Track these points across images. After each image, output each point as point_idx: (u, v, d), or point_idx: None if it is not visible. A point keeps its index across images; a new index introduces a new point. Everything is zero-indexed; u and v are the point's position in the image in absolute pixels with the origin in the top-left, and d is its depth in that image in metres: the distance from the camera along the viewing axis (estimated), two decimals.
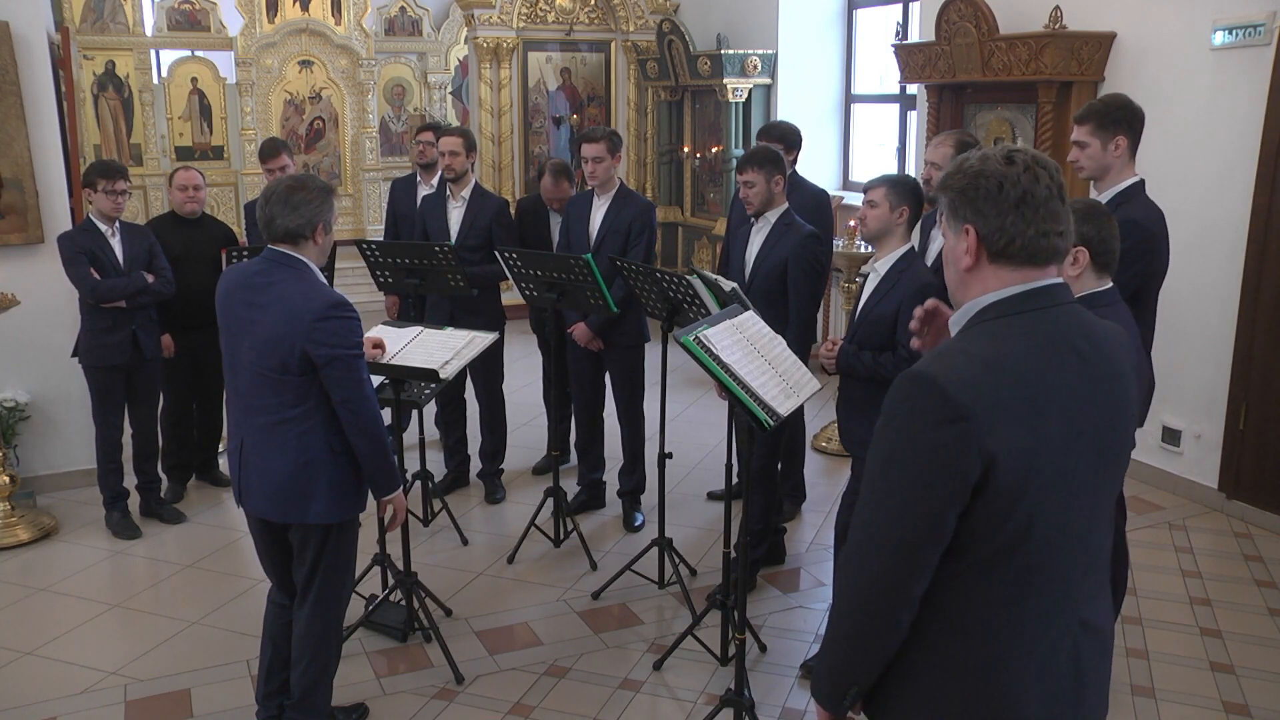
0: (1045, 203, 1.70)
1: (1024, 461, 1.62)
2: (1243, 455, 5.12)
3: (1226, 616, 4.21)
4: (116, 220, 4.87)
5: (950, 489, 1.61)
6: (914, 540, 1.65)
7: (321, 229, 3.03)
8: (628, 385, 5.02)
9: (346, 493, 3.11)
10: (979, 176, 1.72)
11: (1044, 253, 1.72)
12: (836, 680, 1.82)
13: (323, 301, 2.95)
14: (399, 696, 3.67)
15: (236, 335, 3.04)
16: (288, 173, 5.47)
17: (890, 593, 1.69)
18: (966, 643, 1.73)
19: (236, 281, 3.08)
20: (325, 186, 3.08)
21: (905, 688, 1.79)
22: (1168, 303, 5.10)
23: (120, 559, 4.79)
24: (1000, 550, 1.67)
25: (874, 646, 1.75)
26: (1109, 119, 3.52)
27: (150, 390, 5.07)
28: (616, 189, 4.87)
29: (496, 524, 5.15)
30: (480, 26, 9.03)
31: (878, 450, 1.72)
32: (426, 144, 5.76)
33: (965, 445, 1.59)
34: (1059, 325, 1.72)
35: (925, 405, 1.63)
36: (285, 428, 3.00)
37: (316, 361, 2.93)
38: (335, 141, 11.04)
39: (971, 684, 1.73)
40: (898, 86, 7.58)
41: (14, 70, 5.03)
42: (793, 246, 4.16)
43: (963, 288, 1.79)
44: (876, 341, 3.52)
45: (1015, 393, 1.63)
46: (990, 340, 1.69)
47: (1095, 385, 1.72)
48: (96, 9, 10.25)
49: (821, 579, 4.53)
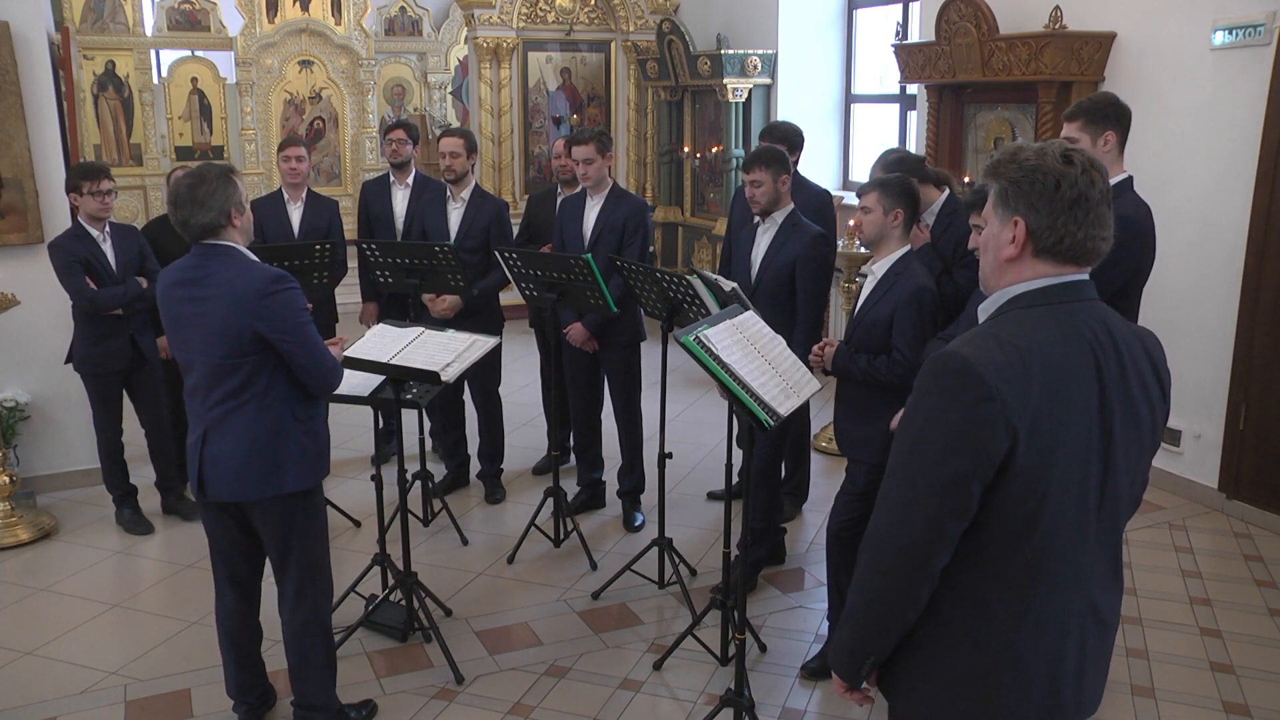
0: (1096, 206, 1.74)
1: (1046, 443, 1.68)
2: (1243, 455, 5.12)
3: (1226, 616, 4.21)
4: (107, 223, 4.85)
5: (978, 465, 1.67)
6: (940, 515, 1.71)
7: (235, 211, 3.06)
8: (624, 385, 5.01)
9: (313, 457, 3.18)
10: (1036, 171, 1.74)
11: (1088, 255, 1.77)
12: (855, 651, 1.89)
13: (263, 279, 2.99)
14: (399, 696, 3.67)
15: (185, 331, 3.07)
16: (303, 166, 5.50)
17: (914, 566, 1.75)
18: (979, 619, 1.79)
19: (173, 280, 3.10)
20: (223, 171, 3.08)
21: (917, 661, 1.86)
22: (1168, 303, 5.13)
23: (120, 559, 4.79)
24: (1017, 529, 1.72)
25: (893, 618, 1.82)
26: (1098, 115, 3.57)
27: (154, 390, 5.07)
28: (609, 189, 4.87)
29: (496, 524, 5.15)
30: (480, 26, 9.03)
31: (908, 428, 1.77)
32: (398, 142, 5.72)
33: (994, 423, 1.66)
34: (1085, 319, 1.77)
35: (958, 385, 1.68)
36: (248, 406, 3.05)
37: (270, 338, 2.99)
38: (335, 141, 11.04)
39: (981, 659, 1.80)
40: (898, 86, 7.58)
41: (14, 70, 5.03)
42: (801, 247, 4.16)
43: (998, 275, 1.83)
44: (872, 344, 3.53)
45: (1042, 379, 1.68)
46: (1020, 328, 1.74)
47: (1117, 379, 1.77)
48: (96, 9, 10.25)
49: (822, 579, 4.53)
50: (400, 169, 5.75)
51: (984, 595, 1.78)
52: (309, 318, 3.08)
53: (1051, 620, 1.79)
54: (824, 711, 3.61)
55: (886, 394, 3.52)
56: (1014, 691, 1.80)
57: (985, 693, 1.81)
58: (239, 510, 3.21)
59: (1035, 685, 1.80)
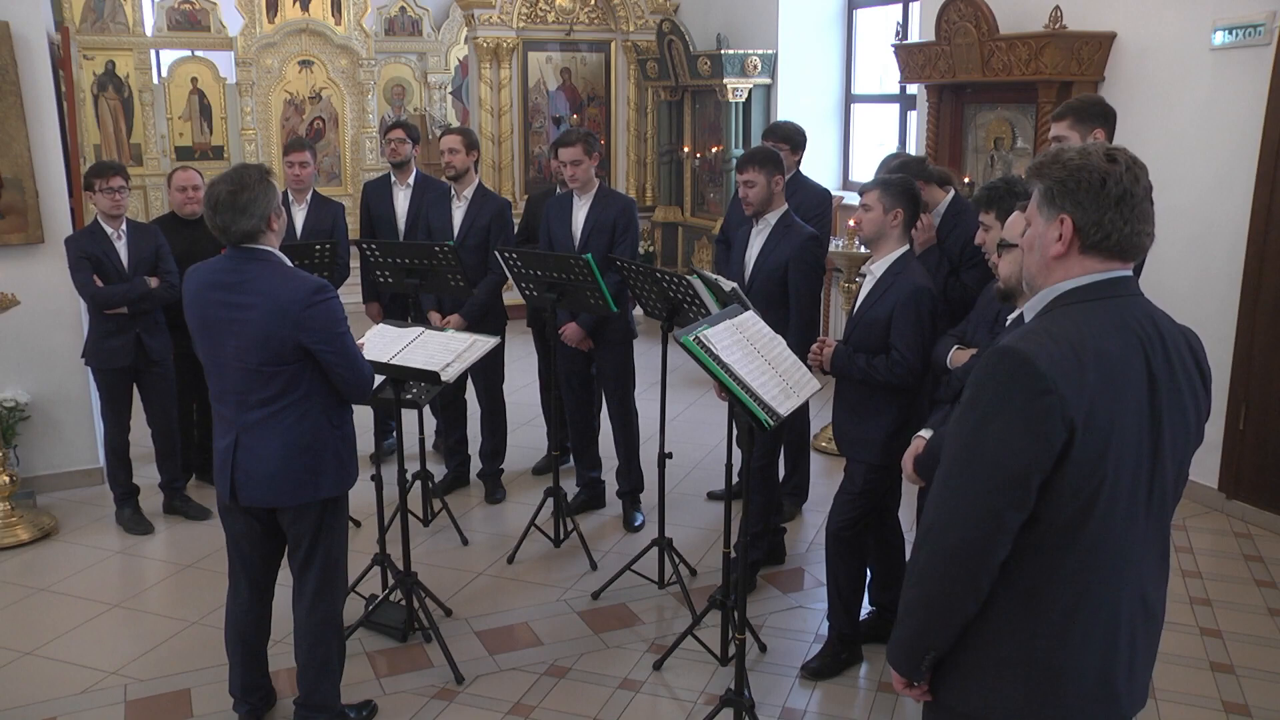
0: (1141, 202, 1.77)
1: (1101, 436, 1.71)
2: (1243, 455, 5.12)
3: (1226, 616, 4.21)
4: (124, 221, 4.87)
5: (1037, 457, 1.70)
6: (1001, 507, 1.73)
7: (274, 216, 3.06)
8: (618, 383, 5.02)
9: (348, 462, 3.20)
10: (1081, 170, 1.77)
11: (1134, 250, 1.80)
12: (916, 645, 1.90)
13: (305, 289, 2.97)
14: (399, 696, 3.67)
15: (218, 335, 3.04)
16: (307, 171, 5.52)
17: (976, 559, 1.77)
18: (1034, 610, 1.81)
19: (206, 281, 3.07)
20: (262, 175, 3.06)
21: (970, 653, 1.87)
22: (1168, 303, 5.08)
23: (120, 559, 4.80)
24: (1072, 521, 1.75)
25: (954, 612, 1.83)
26: (1086, 113, 3.63)
27: (162, 392, 5.05)
28: (597, 188, 4.88)
29: (496, 524, 5.15)
30: (480, 26, 9.03)
31: (965, 422, 1.79)
32: (397, 142, 5.72)
33: (1052, 416, 1.68)
34: (1133, 313, 1.80)
35: (1015, 379, 1.71)
36: (285, 413, 3.03)
37: (311, 348, 2.98)
38: (335, 141, 11.04)
39: (1036, 651, 1.82)
40: (898, 86, 7.58)
41: (14, 70, 5.03)
42: (793, 249, 4.16)
43: (1045, 272, 1.85)
44: (870, 344, 3.53)
45: (1096, 372, 1.71)
46: (1072, 323, 1.76)
47: (1165, 372, 1.79)
48: (96, 9, 10.25)
49: (821, 579, 4.52)
50: (400, 169, 5.75)
51: (1038, 587, 1.79)
52: (348, 327, 3.07)
53: (1105, 611, 1.81)
54: (824, 711, 3.61)
55: (885, 394, 3.53)
56: (1069, 684, 1.81)
57: (1040, 684, 1.82)
58: (267, 514, 3.20)
59: (1089, 677, 1.82)
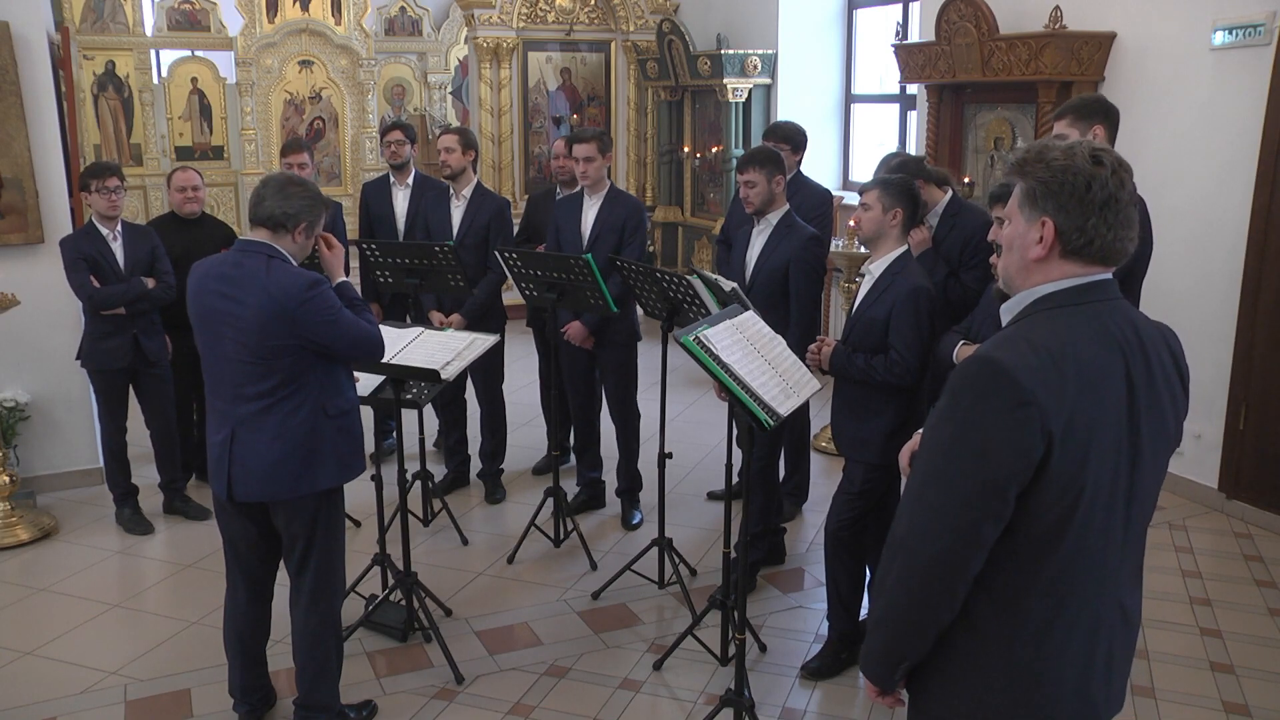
0: (1125, 208, 1.73)
1: (1080, 446, 1.68)
2: (1243, 455, 5.12)
3: (1226, 616, 4.21)
4: (119, 222, 4.86)
5: (1015, 469, 1.67)
6: (977, 519, 1.70)
7: (303, 229, 3.07)
8: (621, 383, 5.02)
9: (346, 454, 3.18)
10: (1066, 172, 1.72)
11: (1116, 255, 1.76)
12: (890, 655, 1.87)
13: (299, 285, 2.98)
14: (399, 696, 3.67)
15: (216, 326, 3.05)
16: (306, 172, 5.52)
17: (951, 570, 1.74)
18: (1012, 620, 1.78)
19: (208, 273, 3.09)
20: (321, 195, 3.13)
21: (948, 662, 1.85)
22: (1168, 302, 5.12)
23: (120, 559, 4.80)
24: (1050, 531, 1.72)
25: (928, 622, 1.80)
26: (1085, 111, 3.63)
27: (160, 394, 5.05)
28: (607, 189, 4.88)
29: (496, 524, 5.15)
30: (480, 26, 9.03)
31: (941, 432, 1.75)
32: (396, 144, 5.72)
33: (1031, 427, 1.65)
34: (1113, 319, 1.77)
35: (993, 390, 1.68)
36: (281, 405, 3.03)
37: (313, 341, 3.00)
38: (335, 141, 11.03)
39: (1014, 660, 1.79)
40: (898, 86, 7.58)
41: (14, 70, 5.03)
42: (795, 249, 4.16)
43: (1024, 275, 1.81)
44: (869, 344, 3.53)
45: (1075, 381, 1.68)
46: (1051, 329, 1.73)
47: (1145, 379, 1.77)
48: (96, 9, 10.24)
49: (821, 579, 4.52)
50: (400, 170, 5.76)
51: (1017, 596, 1.77)
52: (340, 307, 3.07)
53: (1083, 620, 1.79)
54: (824, 711, 3.61)
55: (884, 394, 3.53)
56: (1047, 691, 1.80)
57: (1018, 693, 1.80)
58: (261, 511, 3.19)
59: (1067, 684, 1.80)
